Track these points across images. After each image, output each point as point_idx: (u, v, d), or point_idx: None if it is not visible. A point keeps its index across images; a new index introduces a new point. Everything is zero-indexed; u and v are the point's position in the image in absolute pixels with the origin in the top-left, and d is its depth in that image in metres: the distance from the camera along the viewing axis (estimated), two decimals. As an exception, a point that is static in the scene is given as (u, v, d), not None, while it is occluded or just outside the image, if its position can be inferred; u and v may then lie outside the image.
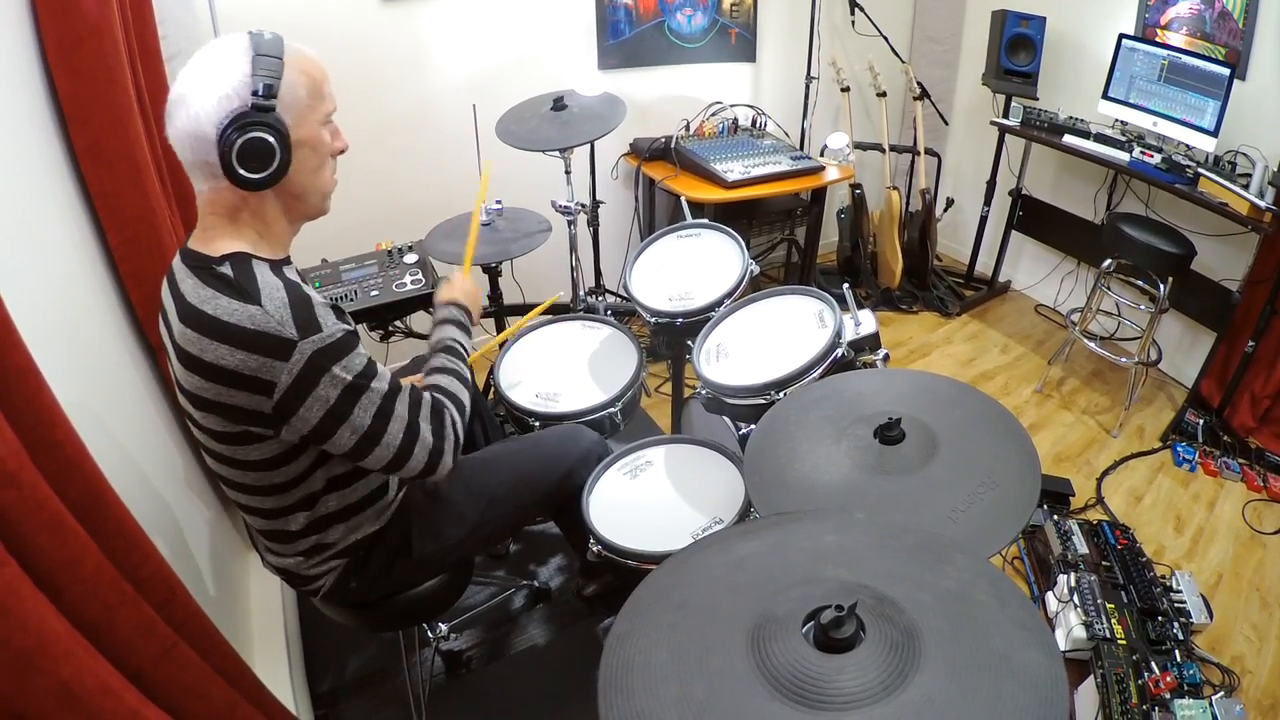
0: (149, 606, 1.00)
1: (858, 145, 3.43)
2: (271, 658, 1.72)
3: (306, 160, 1.09)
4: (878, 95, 3.49)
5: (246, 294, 1.01)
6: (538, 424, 1.73)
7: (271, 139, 1.02)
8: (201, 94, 0.99)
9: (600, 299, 3.13)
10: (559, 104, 2.40)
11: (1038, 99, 3.21)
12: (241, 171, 1.01)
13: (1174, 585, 2.10)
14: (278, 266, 1.09)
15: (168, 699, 0.97)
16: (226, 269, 1.03)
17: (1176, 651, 1.91)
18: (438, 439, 1.21)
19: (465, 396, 1.34)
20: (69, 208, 1.32)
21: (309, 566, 1.30)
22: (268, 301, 1.01)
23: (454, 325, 1.45)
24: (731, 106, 3.29)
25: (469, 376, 1.39)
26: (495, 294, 2.51)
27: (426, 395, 1.24)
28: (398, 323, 2.20)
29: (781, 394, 1.49)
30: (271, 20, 1.09)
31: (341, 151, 1.17)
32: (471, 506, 1.45)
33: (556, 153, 2.44)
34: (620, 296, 3.26)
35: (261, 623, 1.80)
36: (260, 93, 0.99)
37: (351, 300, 2.06)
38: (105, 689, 0.82)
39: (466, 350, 1.43)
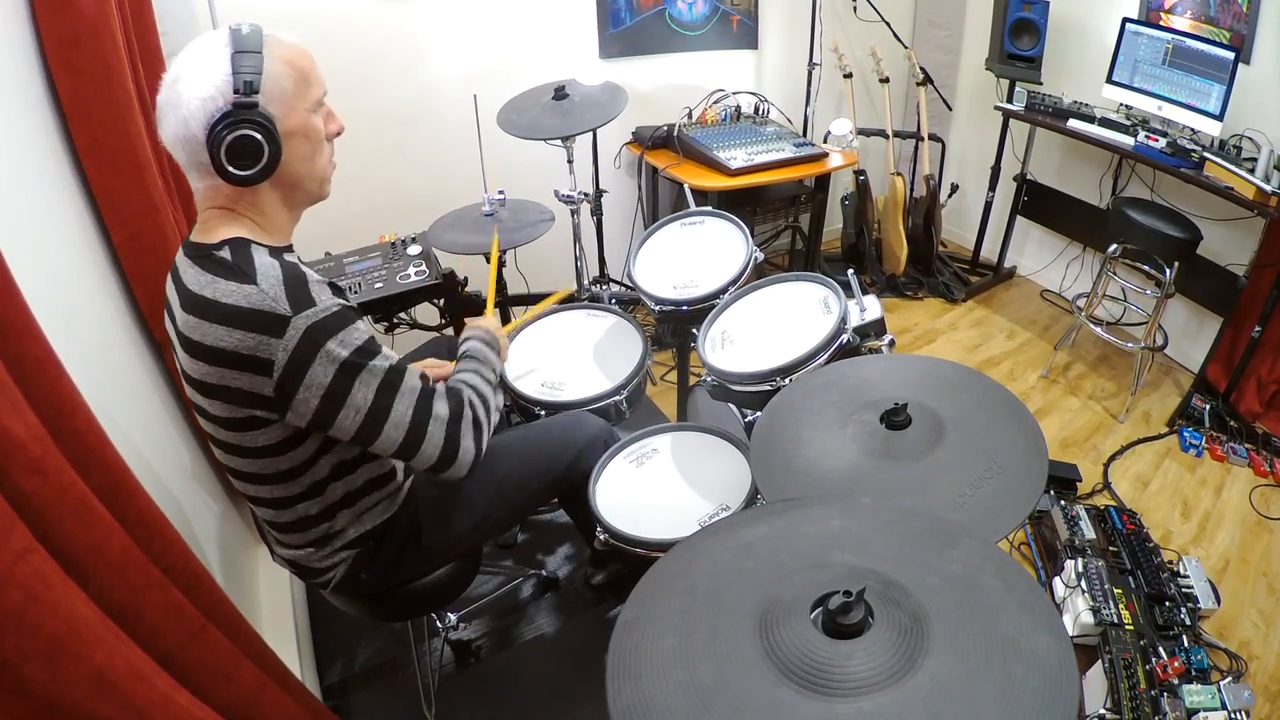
0: (176, 590, 1.00)
1: (861, 131, 3.42)
2: (281, 649, 1.72)
3: (299, 149, 1.09)
4: (880, 81, 3.47)
5: (243, 274, 1.02)
6: (543, 413, 1.73)
7: (258, 135, 1.01)
8: (186, 97, 0.99)
9: (604, 288, 3.13)
10: (560, 93, 2.39)
11: (1041, 84, 3.19)
12: (232, 170, 1.01)
13: (1181, 571, 2.10)
14: (277, 252, 1.09)
15: (197, 682, 0.96)
16: (225, 253, 1.04)
17: (1184, 637, 1.90)
18: (454, 421, 1.18)
19: (491, 394, 1.32)
20: (71, 206, 1.31)
21: (319, 558, 1.31)
22: (263, 280, 1.01)
23: (479, 341, 1.43)
24: (734, 94, 3.28)
25: (495, 381, 1.38)
26: (500, 284, 2.51)
27: (442, 384, 1.22)
28: (403, 314, 2.21)
29: (787, 380, 1.49)
30: (271, 15, 1.08)
31: (338, 133, 1.16)
32: (480, 494, 1.44)
33: (559, 142, 2.43)
34: (624, 285, 3.26)
35: (271, 614, 1.80)
36: (241, 90, 0.99)
37: (356, 293, 2.06)
38: (137, 675, 0.81)
39: (494, 363, 1.42)
